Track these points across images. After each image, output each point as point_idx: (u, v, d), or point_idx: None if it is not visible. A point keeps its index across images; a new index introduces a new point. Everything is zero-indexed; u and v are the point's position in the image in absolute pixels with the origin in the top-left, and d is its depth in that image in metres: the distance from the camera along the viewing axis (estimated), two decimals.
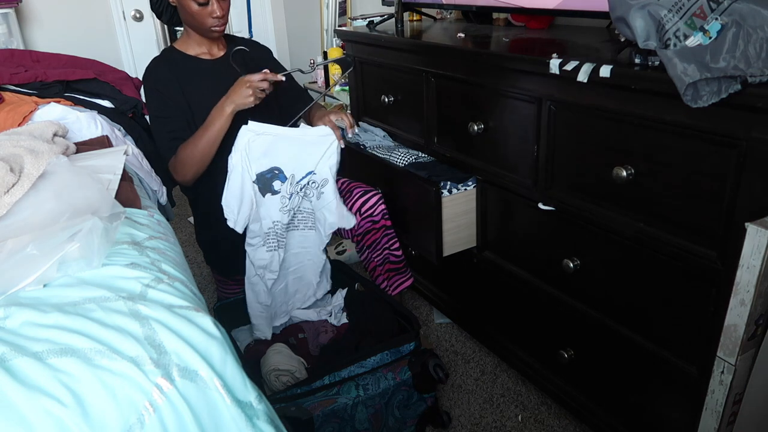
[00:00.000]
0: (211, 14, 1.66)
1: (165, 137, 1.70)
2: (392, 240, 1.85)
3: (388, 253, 1.85)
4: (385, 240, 1.83)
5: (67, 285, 0.86)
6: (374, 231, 1.81)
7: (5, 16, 2.94)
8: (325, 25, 3.46)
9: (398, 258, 1.87)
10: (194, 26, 1.72)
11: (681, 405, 1.27)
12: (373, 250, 1.85)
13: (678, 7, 1.01)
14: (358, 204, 1.79)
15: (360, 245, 1.86)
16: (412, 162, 1.88)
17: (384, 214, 1.81)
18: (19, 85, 1.80)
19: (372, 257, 1.86)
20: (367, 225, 1.80)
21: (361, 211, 1.79)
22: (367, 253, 1.86)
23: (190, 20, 1.70)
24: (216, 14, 1.67)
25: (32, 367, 0.69)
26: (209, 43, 1.78)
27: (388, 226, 1.83)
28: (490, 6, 1.78)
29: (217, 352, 0.81)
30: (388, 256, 1.85)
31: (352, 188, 1.84)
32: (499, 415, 1.72)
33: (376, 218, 1.79)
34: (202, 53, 1.79)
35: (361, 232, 1.82)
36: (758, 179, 1.00)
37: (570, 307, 1.50)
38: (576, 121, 1.34)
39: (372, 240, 1.83)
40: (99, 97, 1.88)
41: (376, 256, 1.85)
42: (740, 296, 1.01)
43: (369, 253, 1.86)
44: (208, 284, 2.47)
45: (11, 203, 1.00)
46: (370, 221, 1.80)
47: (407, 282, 1.91)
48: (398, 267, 1.88)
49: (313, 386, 1.46)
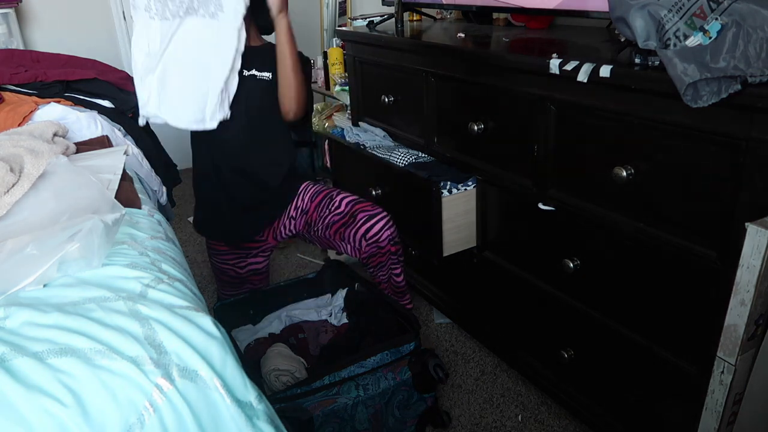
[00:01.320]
0: None
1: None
2: (396, 266, 1.84)
3: (392, 276, 1.85)
4: (390, 263, 1.83)
5: (67, 285, 0.86)
6: (379, 255, 1.80)
7: (5, 16, 2.94)
8: (325, 25, 3.46)
9: (398, 284, 1.87)
10: None
11: (681, 405, 1.27)
12: (379, 270, 1.85)
13: (678, 7, 1.01)
14: (363, 230, 1.75)
15: (367, 266, 1.86)
16: (412, 162, 1.87)
17: (391, 239, 1.77)
18: (19, 85, 1.80)
19: (377, 274, 1.86)
20: (373, 250, 1.78)
21: (366, 237, 1.75)
22: (373, 270, 1.86)
23: None
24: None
25: (32, 367, 0.69)
26: None
27: (393, 252, 1.80)
28: (490, 6, 1.78)
29: (217, 352, 0.81)
30: (392, 279, 1.85)
31: (356, 212, 1.78)
32: (499, 415, 1.72)
33: (381, 244, 1.77)
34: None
35: (366, 256, 1.81)
36: (758, 179, 1.00)
37: (570, 307, 1.50)
38: (576, 121, 1.34)
39: (378, 262, 1.82)
40: (99, 97, 1.88)
41: (381, 275, 1.86)
42: (740, 296, 1.01)
43: (374, 271, 1.86)
44: (208, 284, 2.47)
45: (11, 203, 1.00)
46: (376, 247, 1.77)
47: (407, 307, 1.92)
48: (397, 291, 1.88)
49: (313, 386, 1.46)
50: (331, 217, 1.81)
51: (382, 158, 1.94)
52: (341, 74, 2.82)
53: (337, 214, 1.80)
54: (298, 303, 2.00)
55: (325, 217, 1.83)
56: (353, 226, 1.76)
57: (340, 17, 3.33)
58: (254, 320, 1.92)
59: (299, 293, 2.01)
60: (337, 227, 1.80)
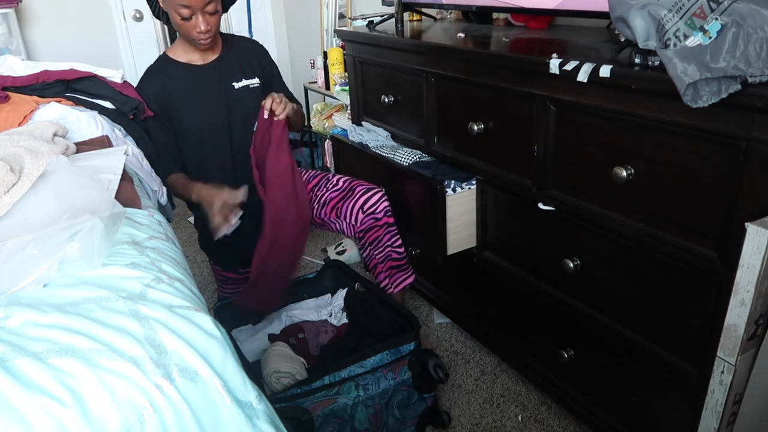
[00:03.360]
0: (195, 28, 1.63)
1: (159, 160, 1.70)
2: (395, 237, 1.85)
3: (390, 250, 1.85)
4: (387, 237, 1.83)
5: (67, 285, 0.86)
6: (377, 228, 1.81)
7: (5, 16, 2.94)
8: (325, 25, 3.46)
9: (400, 255, 1.87)
10: (183, 35, 1.71)
11: (681, 405, 1.27)
12: (375, 248, 1.85)
13: (678, 7, 1.01)
14: (360, 202, 1.79)
15: (362, 242, 1.86)
16: (416, 161, 1.88)
17: (387, 211, 1.81)
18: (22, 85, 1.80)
19: (373, 254, 1.86)
20: (370, 222, 1.80)
21: (363, 209, 1.79)
22: (369, 250, 1.86)
23: (178, 29, 1.69)
24: (200, 29, 1.63)
25: (32, 367, 0.69)
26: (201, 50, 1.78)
27: (390, 224, 1.83)
28: (490, 6, 1.78)
29: (217, 352, 0.81)
30: (390, 254, 1.85)
31: (354, 186, 1.83)
32: (499, 415, 1.72)
33: (378, 215, 1.79)
34: (192, 60, 1.78)
35: (363, 229, 1.82)
36: (758, 179, 1.00)
37: (570, 307, 1.50)
38: (576, 121, 1.34)
39: (374, 237, 1.83)
40: (100, 98, 1.88)
41: (377, 254, 1.85)
42: (740, 296, 1.01)
43: (371, 250, 1.86)
44: (208, 284, 2.47)
45: (11, 203, 1.00)
46: (373, 218, 1.80)
47: (409, 279, 1.91)
48: (400, 264, 1.88)
49: (313, 386, 1.46)
50: (328, 194, 1.85)
51: (386, 157, 1.94)
52: (341, 74, 2.82)
53: (335, 191, 1.86)
54: (298, 303, 2.00)
55: (321, 196, 1.86)
56: (351, 198, 1.80)
57: (339, 18, 3.33)
58: (254, 320, 1.92)
59: (299, 293, 2.01)
60: (334, 203, 1.84)
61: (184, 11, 1.59)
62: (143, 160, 1.74)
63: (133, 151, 1.61)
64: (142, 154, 1.74)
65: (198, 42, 1.68)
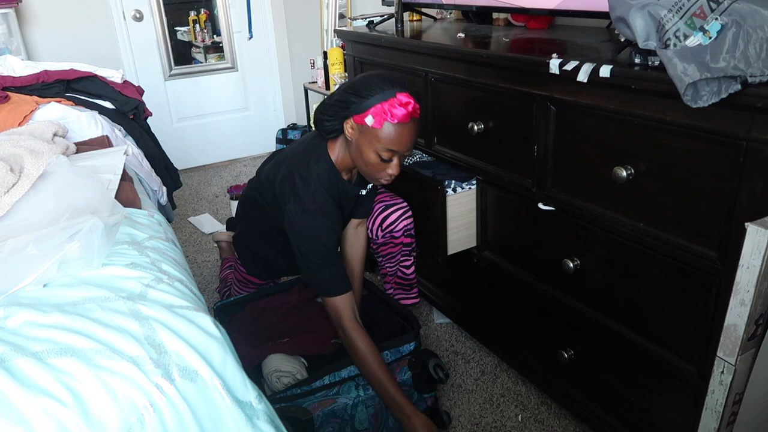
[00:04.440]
0: (386, 170, 1.45)
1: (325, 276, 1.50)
2: (406, 257, 1.86)
3: (400, 268, 1.86)
4: (400, 256, 1.85)
5: (67, 285, 0.86)
6: (392, 245, 1.82)
7: (5, 16, 2.94)
8: (325, 25, 3.47)
9: (406, 275, 1.88)
10: (361, 167, 1.48)
11: (681, 405, 1.27)
12: (388, 260, 1.88)
13: (678, 7, 1.01)
14: (380, 219, 1.77)
15: (377, 252, 1.87)
16: (415, 161, 1.89)
17: (406, 230, 1.79)
18: (22, 85, 1.81)
19: (385, 265, 1.89)
20: (387, 238, 1.81)
21: (382, 227, 1.78)
22: (382, 260, 1.87)
23: (361, 163, 1.46)
24: (393, 172, 1.45)
25: (32, 367, 0.69)
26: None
27: (406, 243, 1.82)
28: (490, 6, 1.78)
29: (217, 352, 0.81)
30: (398, 271, 1.86)
31: (376, 200, 1.78)
32: (499, 415, 1.72)
33: (396, 234, 1.79)
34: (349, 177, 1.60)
35: (380, 243, 1.83)
36: (758, 179, 1.00)
37: (570, 307, 1.50)
38: (576, 121, 1.34)
39: (388, 252, 1.84)
40: (100, 98, 1.89)
41: (389, 266, 1.88)
42: (740, 296, 1.01)
43: (384, 261, 1.88)
44: (208, 284, 2.47)
45: (11, 203, 1.00)
46: (390, 236, 1.80)
47: (409, 301, 1.93)
48: (403, 284, 1.89)
49: (313, 386, 1.46)
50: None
51: None
52: (341, 74, 2.82)
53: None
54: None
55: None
56: (370, 214, 1.77)
57: (340, 18, 3.33)
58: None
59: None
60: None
61: (385, 154, 1.41)
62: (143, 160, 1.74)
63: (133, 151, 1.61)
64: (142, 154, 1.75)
65: (378, 182, 1.51)
